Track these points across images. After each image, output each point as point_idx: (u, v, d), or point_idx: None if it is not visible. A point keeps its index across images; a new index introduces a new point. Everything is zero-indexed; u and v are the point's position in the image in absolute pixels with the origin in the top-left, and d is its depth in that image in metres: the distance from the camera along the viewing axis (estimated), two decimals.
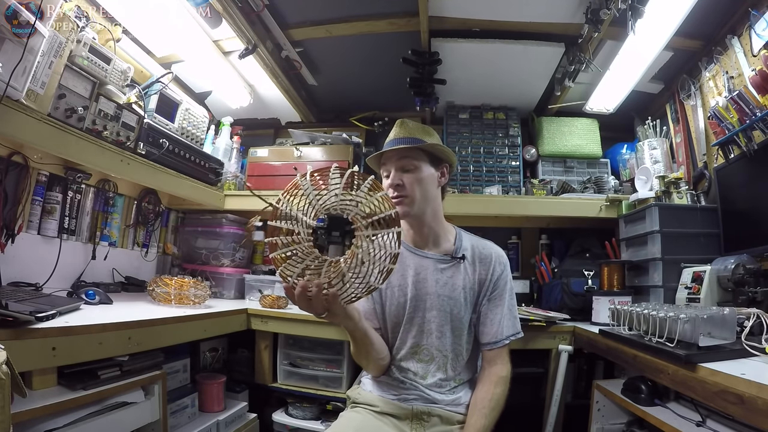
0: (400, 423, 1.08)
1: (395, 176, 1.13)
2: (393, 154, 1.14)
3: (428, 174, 1.15)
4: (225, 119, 2.31)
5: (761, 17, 1.42)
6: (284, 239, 0.81)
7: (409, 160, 1.13)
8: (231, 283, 2.17)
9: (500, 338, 1.12)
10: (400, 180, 1.12)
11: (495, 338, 1.12)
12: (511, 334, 1.14)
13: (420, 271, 1.15)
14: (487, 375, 1.12)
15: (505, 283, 1.16)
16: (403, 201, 1.11)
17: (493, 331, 1.13)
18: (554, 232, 2.27)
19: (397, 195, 1.11)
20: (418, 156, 1.14)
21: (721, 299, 1.30)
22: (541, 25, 1.79)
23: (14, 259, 1.42)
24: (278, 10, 1.81)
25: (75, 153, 1.39)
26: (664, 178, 1.74)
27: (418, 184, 1.12)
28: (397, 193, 1.11)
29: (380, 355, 1.11)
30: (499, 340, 1.12)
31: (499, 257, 1.18)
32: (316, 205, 0.82)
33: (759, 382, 0.74)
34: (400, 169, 1.13)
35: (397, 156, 1.13)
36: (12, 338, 0.88)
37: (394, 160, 1.14)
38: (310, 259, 0.82)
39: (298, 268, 0.82)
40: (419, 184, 1.13)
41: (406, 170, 1.13)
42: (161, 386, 1.30)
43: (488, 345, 1.13)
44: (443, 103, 2.35)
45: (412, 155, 1.14)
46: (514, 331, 1.15)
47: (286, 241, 0.81)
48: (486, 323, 1.14)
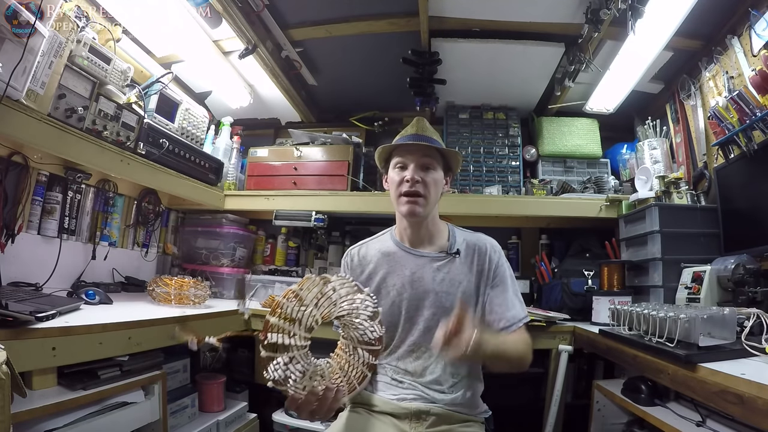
0: (400, 422, 1.08)
1: (415, 171, 1.11)
2: (417, 149, 1.13)
3: (440, 178, 1.16)
4: (225, 119, 2.31)
5: (761, 17, 1.42)
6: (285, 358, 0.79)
7: (430, 159, 1.13)
8: (231, 283, 2.17)
9: (513, 321, 1.10)
10: (420, 177, 1.11)
11: (508, 323, 1.10)
12: (522, 317, 1.12)
13: (416, 270, 1.15)
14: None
15: (504, 269, 1.16)
16: (418, 201, 1.10)
17: (507, 314, 1.11)
18: (554, 232, 2.27)
19: (415, 191, 1.10)
20: (437, 158, 1.15)
21: (721, 299, 1.30)
22: (541, 25, 1.79)
23: (14, 259, 1.42)
24: (278, 10, 1.81)
25: (75, 153, 1.39)
26: (664, 178, 1.74)
27: (434, 186, 1.13)
28: (415, 189, 1.10)
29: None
30: (513, 323, 1.10)
31: (493, 246, 1.18)
32: (308, 317, 0.81)
33: (759, 382, 0.74)
34: (421, 166, 1.12)
35: (421, 153, 1.13)
36: (12, 338, 0.88)
37: (417, 156, 1.13)
38: (309, 366, 0.82)
39: (298, 378, 0.80)
40: (435, 186, 1.13)
41: (426, 168, 1.12)
42: (161, 386, 1.30)
43: (503, 330, 1.10)
44: (443, 103, 2.35)
45: (434, 155, 1.14)
46: (524, 315, 1.14)
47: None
48: (495, 310, 1.12)
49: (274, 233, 2.45)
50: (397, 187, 1.13)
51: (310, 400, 0.80)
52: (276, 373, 0.76)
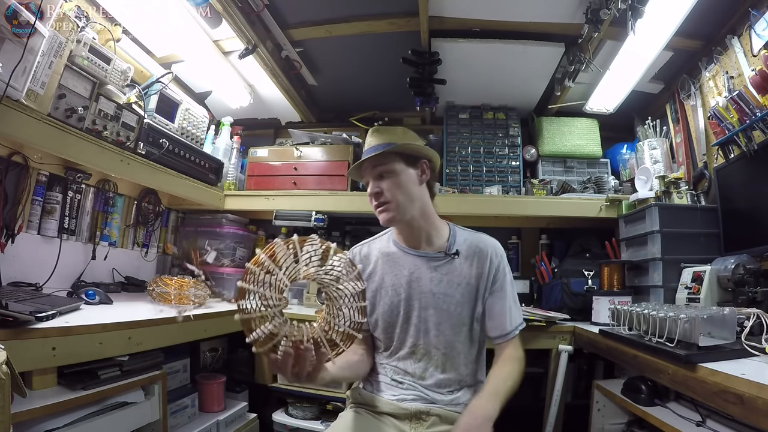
0: (400, 423, 1.08)
1: (373, 185, 1.13)
2: (368, 164, 1.14)
3: (406, 175, 1.13)
4: (225, 119, 2.31)
5: (761, 17, 1.42)
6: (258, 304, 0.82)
7: (383, 167, 1.12)
8: (231, 283, 2.17)
9: (509, 330, 1.13)
10: (378, 188, 1.12)
11: (504, 330, 1.13)
12: (518, 324, 1.15)
13: (414, 271, 1.15)
14: (500, 357, 1.13)
15: (504, 274, 1.16)
16: (387, 208, 1.11)
17: (502, 323, 1.13)
18: (554, 232, 2.27)
19: (379, 203, 1.12)
20: (392, 159, 1.12)
21: (721, 299, 1.30)
22: (541, 25, 1.79)
23: (14, 259, 1.43)
24: (278, 10, 1.81)
25: (75, 153, 1.39)
26: (664, 178, 1.74)
27: (397, 188, 1.11)
28: (377, 202, 1.12)
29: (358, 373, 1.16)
30: (509, 332, 1.13)
31: (495, 249, 1.18)
32: (281, 277, 0.85)
33: (759, 382, 0.74)
34: (377, 177, 1.13)
35: (372, 165, 1.13)
36: (12, 338, 0.88)
37: (369, 170, 1.14)
38: (281, 326, 0.84)
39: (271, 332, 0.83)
40: (398, 188, 1.12)
41: (382, 177, 1.12)
42: (161, 386, 1.30)
43: (498, 338, 1.13)
44: (443, 103, 2.35)
45: (386, 160, 1.12)
46: (520, 321, 1.16)
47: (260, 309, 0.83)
48: (493, 317, 1.14)
49: (274, 233, 2.45)
50: (371, 203, 1.15)
51: (286, 360, 0.82)
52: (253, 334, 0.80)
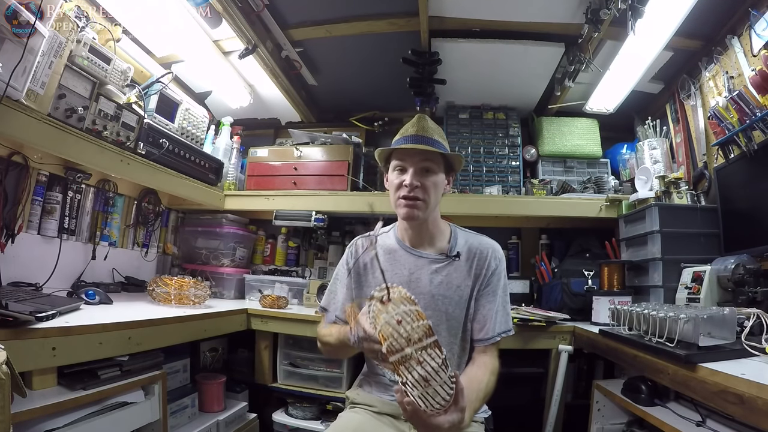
0: (399, 423, 1.08)
1: (414, 177, 1.09)
2: (417, 153, 1.09)
3: (441, 180, 1.13)
4: (225, 119, 2.31)
5: (761, 17, 1.42)
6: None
7: (431, 163, 1.10)
8: (231, 283, 2.17)
9: (491, 335, 1.09)
10: (419, 182, 1.08)
11: (486, 335, 1.09)
12: (502, 331, 1.11)
13: (414, 271, 1.14)
14: (475, 361, 1.09)
15: (498, 279, 1.14)
16: (417, 204, 1.08)
17: (485, 327, 1.10)
18: (554, 232, 2.27)
19: (414, 196, 1.08)
20: (438, 161, 1.11)
21: (721, 299, 1.30)
22: (541, 25, 1.79)
23: (14, 259, 1.42)
24: (278, 10, 1.81)
25: (75, 153, 1.39)
26: (664, 178, 1.74)
27: (434, 189, 1.10)
28: (414, 194, 1.08)
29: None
30: (490, 337, 1.09)
31: (495, 252, 1.16)
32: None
33: (759, 382, 0.74)
34: (420, 170, 1.09)
35: (421, 156, 1.09)
36: (12, 338, 0.88)
37: (416, 159, 1.10)
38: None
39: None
40: (435, 189, 1.10)
41: (427, 172, 1.10)
42: (161, 386, 1.30)
43: (479, 341, 1.11)
44: (443, 103, 2.35)
45: (437, 159, 1.11)
46: (505, 329, 1.12)
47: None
48: (478, 318, 1.12)
49: (274, 233, 2.45)
50: (396, 191, 1.11)
51: None
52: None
